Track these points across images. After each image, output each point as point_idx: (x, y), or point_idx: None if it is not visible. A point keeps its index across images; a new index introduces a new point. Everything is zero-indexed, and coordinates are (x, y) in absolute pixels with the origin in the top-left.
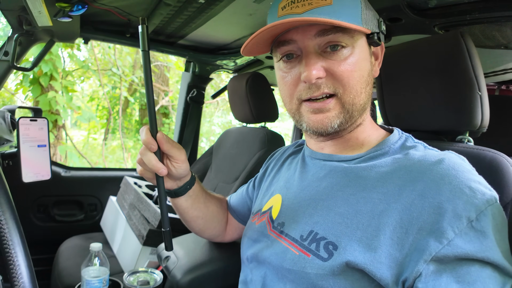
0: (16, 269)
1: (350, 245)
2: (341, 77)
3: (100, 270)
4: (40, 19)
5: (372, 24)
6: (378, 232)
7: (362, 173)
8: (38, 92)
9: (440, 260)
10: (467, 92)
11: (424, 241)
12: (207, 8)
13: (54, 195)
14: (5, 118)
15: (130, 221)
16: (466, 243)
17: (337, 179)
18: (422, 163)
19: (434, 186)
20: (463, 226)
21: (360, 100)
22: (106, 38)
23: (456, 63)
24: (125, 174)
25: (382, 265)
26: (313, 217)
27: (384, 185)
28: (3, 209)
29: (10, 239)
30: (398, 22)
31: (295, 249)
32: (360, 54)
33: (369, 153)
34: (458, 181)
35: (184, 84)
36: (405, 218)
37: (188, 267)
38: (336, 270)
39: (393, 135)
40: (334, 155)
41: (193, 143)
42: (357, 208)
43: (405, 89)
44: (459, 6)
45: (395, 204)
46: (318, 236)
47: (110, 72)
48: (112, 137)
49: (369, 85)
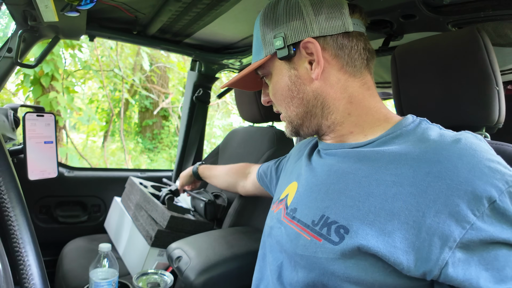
0: (26, 269)
1: (362, 229)
2: (273, 99)
3: (109, 271)
4: (47, 14)
5: (276, 43)
6: (392, 216)
7: (374, 156)
8: (39, 92)
9: (465, 246)
10: (485, 87)
11: (445, 225)
12: (216, 5)
13: (57, 195)
14: (8, 116)
15: (136, 222)
16: (489, 225)
17: (349, 163)
18: (438, 144)
19: (451, 166)
20: (484, 208)
21: (292, 111)
22: (112, 36)
23: (473, 59)
24: (129, 174)
25: (397, 249)
26: (324, 201)
27: (397, 167)
28: (13, 205)
29: (20, 237)
30: (412, 19)
31: (307, 234)
32: (275, 77)
33: (381, 137)
34: (477, 161)
35: (190, 83)
36: (421, 201)
37: (202, 268)
38: (347, 254)
39: (406, 118)
40: (345, 143)
41: (199, 143)
42: (369, 190)
43: (421, 85)
44: (473, 3)
45: (410, 187)
46: (329, 221)
47: (111, 74)
48: (111, 139)
49: (296, 96)
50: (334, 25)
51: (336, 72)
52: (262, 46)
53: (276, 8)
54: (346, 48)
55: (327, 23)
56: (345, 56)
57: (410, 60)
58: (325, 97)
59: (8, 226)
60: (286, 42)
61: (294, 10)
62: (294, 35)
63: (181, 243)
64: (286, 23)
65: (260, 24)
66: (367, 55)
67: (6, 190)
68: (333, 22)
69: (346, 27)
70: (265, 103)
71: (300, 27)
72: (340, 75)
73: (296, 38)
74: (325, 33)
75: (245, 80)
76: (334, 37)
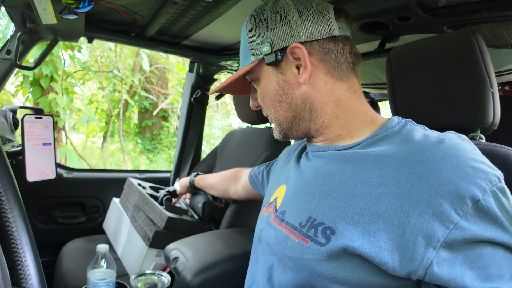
0: (24, 270)
1: (348, 230)
2: (262, 104)
3: (107, 272)
4: (45, 16)
5: (263, 48)
6: (377, 217)
7: (360, 157)
8: (38, 93)
9: (450, 245)
10: (479, 89)
11: (429, 225)
12: (214, 7)
13: (55, 196)
14: (7, 118)
15: (134, 222)
16: (473, 225)
17: (335, 165)
18: (422, 144)
19: (435, 167)
20: (468, 207)
21: (280, 115)
22: (110, 38)
23: (467, 61)
24: (127, 175)
25: (381, 249)
26: (311, 203)
27: (382, 168)
28: (11, 206)
29: (18, 238)
30: (407, 21)
31: (295, 236)
32: (263, 82)
33: (367, 139)
34: (460, 161)
35: (188, 84)
36: (405, 201)
37: (198, 269)
38: (333, 255)
39: (392, 120)
40: (333, 146)
41: (197, 144)
42: (355, 192)
43: (416, 87)
44: (468, 5)
45: (394, 188)
46: (316, 222)
47: (110, 75)
48: (111, 140)
49: (284, 101)
50: (320, 30)
51: (323, 76)
52: (250, 51)
53: (262, 14)
54: (332, 53)
55: (313, 28)
56: (332, 60)
57: (405, 62)
58: (313, 100)
59: (6, 228)
60: (273, 47)
61: (280, 15)
62: (281, 40)
63: (178, 244)
64: (272, 28)
65: (247, 30)
66: (353, 59)
67: (4, 192)
68: (319, 27)
69: (332, 32)
70: (253, 107)
71: (287, 33)
72: (327, 79)
73: (283, 43)
74: (311, 38)
75: (235, 84)
76: (320, 42)
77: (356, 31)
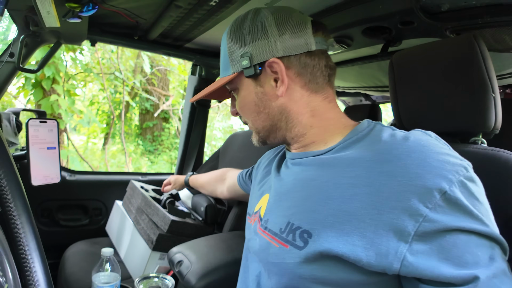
0: (32, 275)
1: (324, 232)
2: (240, 113)
3: (111, 276)
4: (48, 19)
5: (242, 62)
6: (350, 216)
7: (333, 162)
8: (40, 95)
9: (422, 237)
10: (481, 94)
11: (399, 220)
12: (217, 11)
13: (58, 199)
14: (10, 121)
15: (138, 225)
16: (443, 215)
17: (312, 170)
18: (389, 144)
19: (401, 164)
20: (436, 199)
21: (259, 123)
22: (113, 41)
23: (470, 65)
24: (130, 178)
25: (356, 247)
26: (290, 209)
27: (353, 170)
28: (19, 213)
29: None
30: (410, 25)
31: (276, 242)
32: (242, 93)
33: (339, 144)
34: (425, 155)
35: (191, 87)
36: (376, 199)
37: (203, 272)
38: (310, 257)
39: (361, 123)
40: (309, 152)
41: (199, 146)
42: (329, 194)
43: (419, 91)
44: (471, 10)
45: (365, 188)
46: (294, 227)
47: (112, 76)
48: (112, 141)
49: (262, 112)
50: (298, 45)
51: (300, 88)
52: (230, 63)
53: (242, 27)
54: (308, 67)
55: (291, 43)
56: (308, 74)
57: (407, 67)
58: (289, 111)
59: (15, 234)
60: (252, 61)
61: (260, 29)
62: (260, 55)
63: (182, 247)
64: (252, 42)
65: (227, 41)
66: (329, 72)
67: (12, 199)
68: (296, 42)
69: (309, 47)
70: (233, 114)
71: (265, 47)
72: (303, 91)
73: (261, 58)
74: (289, 53)
75: (217, 91)
76: (297, 57)
77: (359, 35)
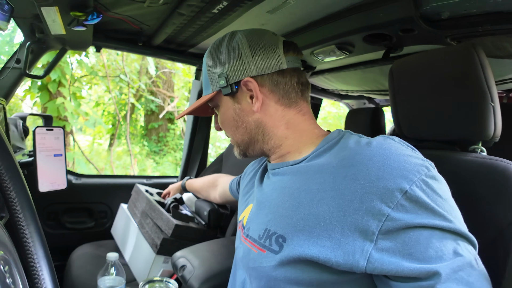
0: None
1: (296, 235)
2: (222, 128)
3: (116, 279)
4: (54, 27)
5: (220, 81)
6: (318, 219)
7: (304, 169)
8: (46, 98)
9: (386, 236)
10: (480, 103)
11: (363, 220)
12: (219, 18)
13: (64, 202)
14: (17, 126)
15: (142, 229)
16: (405, 214)
17: (286, 179)
18: (353, 150)
19: (363, 167)
20: (397, 199)
21: (238, 137)
22: (118, 46)
23: (468, 74)
24: (135, 181)
25: (325, 248)
26: (267, 216)
27: (321, 176)
28: (27, 223)
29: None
30: (410, 33)
31: (255, 248)
32: (222, 109)
33: (312, 153)
34: (386, 158)
35: (194, 92)
36: (341, 202)
37: (205, 277)
38: (285, 260)
39: (332, 133)
40: (286, 162)
41: (203, 150)
42: (300, 200)
43: (418, 99)
44: (471, 17)
45: (331, 192)
46: (270, 232)
47: (117, 79)
48: (117, 142)
49: (241, 126)
50: (270, 65)
51: (274, 104)
52: (209, 82)
53: (219, 49)
54: (280, 84)
55: (263, 63)
56: (280, 91)
57: (407, 76)
58: (265, 125)
59: (24, 243)
60: (228, 81)
61: (235, 52)
62: (235, 75)
63: (185, 251)
64: (227, 63)
65: (206, 62)
66: (301, 87)
67: (21, 209)
68: (268, 62)
69: (280, 66)
70: (217, 129)
71: (240, 68)
72: (277, 106)
73: (236, 77)
74: (261, 72)
75: (201, 108)
76: (270, 75)
77: (360, 41)
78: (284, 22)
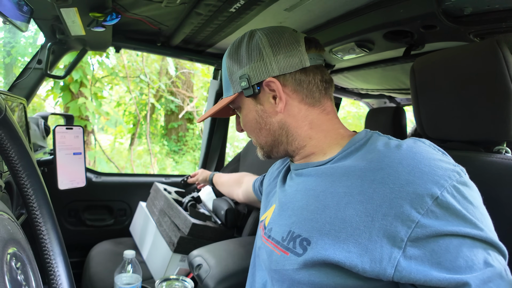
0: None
1: (321, 239)
2: (244, 130)
3: (133, 277)
4: (74, 28)
5: (241, 83)
6: (345, 224)
7: (330, 171)
8: (68, 98)
9: (415, 243)
10: (504, 102)
11: (392, 226)
12: (237, 17)
13: (85, 200)
14: (39, 125)
15: (160, 227)
16: (435, 221)
17: (311, 181)
18: (382, 152)
19: (393, 171)
20: (428, 205)
21: (262, 139)
22: (137, 47)
23: (492, 72)
24: (154, 180)
25: (351, 254)
26: (291, 218)
27: (348, 179)
28: (44, 220)
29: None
30: (432, 30)
31: (278, 250)
32: (244, 111)
33: (338, 154)
34: (416, 162)
35: (212, 91)
36: (369, 207)
37: (221, 277)
38: (308, 263)
39: (359, 134)
40: (310, 163)
41: (220, 150)
42: (325, 203)
43: (440, 98)
44: (494, 13)
45: (358, 196)
46: (294, 235)
47: (138, 79)
48: (138, 142)
49: (264, 128)
50: (292, 63)
51: (297, 104)
52: (230, 84)
53: (239, 50)
54: (304, 83)
55: (285, 62)
56: (304, 90)
57: (429, 74)
58: (288, 126)
59: (40, 239)
60: (250, 82)
61: (255, 51)
62: (257, 76)
63: (201, 250)
64: (248, 64)
65: (226, 63)
66: (325, 85)
67: (38, 207)
68: (291, 61)
69: (303, 64)
70: (238, 130)
71: (261, 68)
72: (301, 106)
73: (258, 78)
74: (284, 71)
75: (222, 110)
76: (292, 74)
77: (380, 39)
78: (302, 20)
